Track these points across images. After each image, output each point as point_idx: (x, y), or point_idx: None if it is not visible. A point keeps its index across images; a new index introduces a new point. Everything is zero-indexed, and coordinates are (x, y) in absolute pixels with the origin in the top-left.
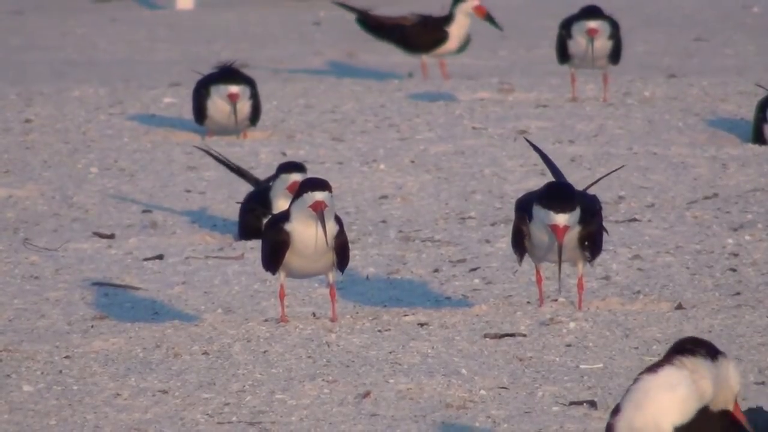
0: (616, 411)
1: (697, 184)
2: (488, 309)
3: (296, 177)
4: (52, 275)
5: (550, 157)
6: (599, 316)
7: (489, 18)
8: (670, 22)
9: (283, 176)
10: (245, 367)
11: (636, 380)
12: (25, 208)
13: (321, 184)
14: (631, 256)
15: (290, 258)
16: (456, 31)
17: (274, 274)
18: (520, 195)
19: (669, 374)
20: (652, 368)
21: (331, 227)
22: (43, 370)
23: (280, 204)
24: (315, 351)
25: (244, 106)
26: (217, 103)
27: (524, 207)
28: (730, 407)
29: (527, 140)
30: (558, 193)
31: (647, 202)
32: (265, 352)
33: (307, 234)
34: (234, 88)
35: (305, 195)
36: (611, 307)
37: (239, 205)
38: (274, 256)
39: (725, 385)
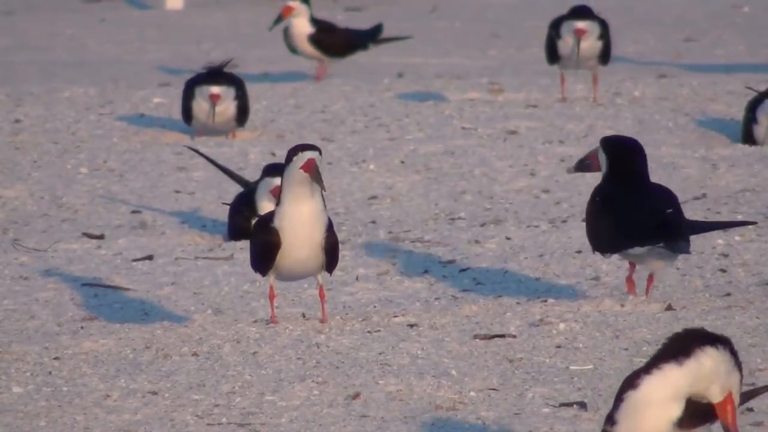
0: (611, 420)
1: (687, 185)
2: (478, 310)
3: (279, 182)
4: (41, 276)
5: (540, 157)
6: (589, 317)
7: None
8: (660, 22)
9: (267, 179)
10: (235, 369)
11: (623, 393)
12: (14, 208)
13: (310, 146)
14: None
15: (280, 257)
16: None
17: (263, 275)
18: (509, 196)
19: (651, 386)
20: (636, 378)
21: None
22: (32, 371)
23: (265, 206)
24: (305, 352)
25: (229, 107)
26: (201, 104)
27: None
28: (719, 398)
29: None
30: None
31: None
32: (254, 353)
33: (296, 217)
34: (215, 89)
35: (295, 157)
36: (601, 308)
37: (226, 206)
38: (264, 257)
39: (709, 378)
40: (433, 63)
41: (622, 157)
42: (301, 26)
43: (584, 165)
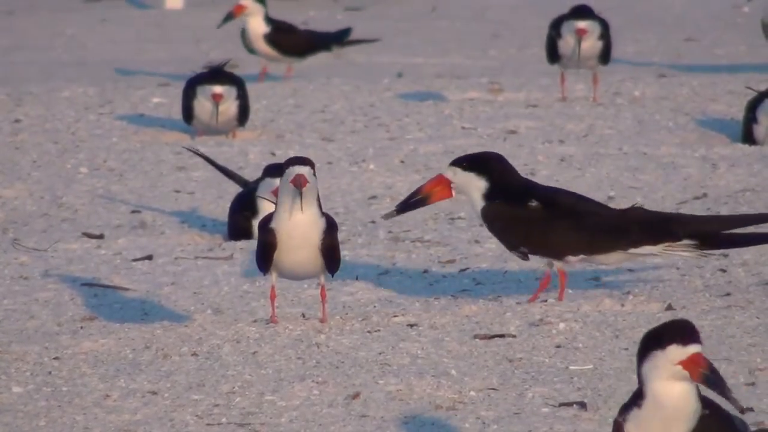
0: (626, 411)
1: (687, 184)
2: (478, 310)
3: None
4: (41, 276)
5: (540, 157)
6: (589, 317)
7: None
8: (660, 22)
9: (268, 180)
10: (235, 368)
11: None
12: (14, 208)
13: (302, 160)
14: None
15: (279, 258)
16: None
17: (265, 274)
18: None
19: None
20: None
21: (309, 201)
22: (32, 371)
23: (265, 207)
24: (304, 352)
25: (231, 107)
26: (203, 104)
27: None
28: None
29: None
30: None
31: (637, 203)
32: (254, 353)
33: (291, 222)
34: (218, 89)
35: (287, 170)
36: (601, 308)
37: (226, 203)
38: (263, 257)
39: None
40: (433, 63)
41: (503, 169)
42: (256, 26)
43: (414, 203)
